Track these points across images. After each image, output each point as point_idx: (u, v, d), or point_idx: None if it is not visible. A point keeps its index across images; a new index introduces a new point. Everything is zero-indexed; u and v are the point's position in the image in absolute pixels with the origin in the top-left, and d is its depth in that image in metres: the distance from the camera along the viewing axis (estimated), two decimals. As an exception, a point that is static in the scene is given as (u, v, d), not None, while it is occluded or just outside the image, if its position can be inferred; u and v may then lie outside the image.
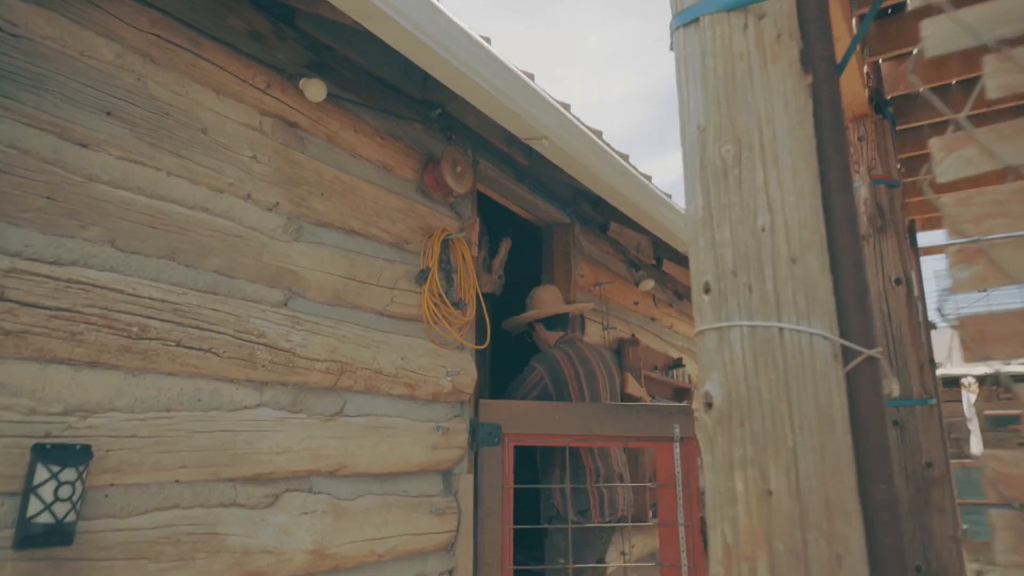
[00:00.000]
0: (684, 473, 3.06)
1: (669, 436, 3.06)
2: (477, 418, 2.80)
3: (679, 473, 3.06)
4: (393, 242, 2.55)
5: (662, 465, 3.05)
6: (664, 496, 3.04)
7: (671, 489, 3.05)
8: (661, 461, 3.06)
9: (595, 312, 4.04)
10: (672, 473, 3.06)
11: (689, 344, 5.43)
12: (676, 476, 3.05)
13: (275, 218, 2.13)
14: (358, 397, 2.30)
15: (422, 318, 2.60)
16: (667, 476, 3.05)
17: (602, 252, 4.29)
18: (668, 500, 3.05)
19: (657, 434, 3.06)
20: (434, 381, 2.59)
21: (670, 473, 3.06)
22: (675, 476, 3.05)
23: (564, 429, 2.91)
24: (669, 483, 3.05)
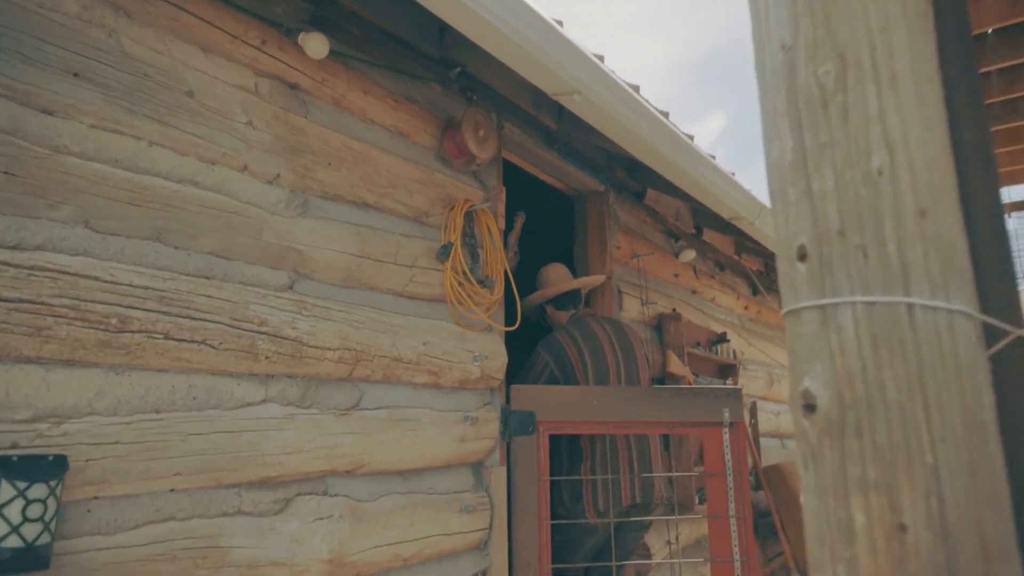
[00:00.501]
0: (734, 461, 2.82)
1: (718, 421, 2.81)
2: (509, 405, 2.57)
3: (729, 461, 2.82)
4: (411, 215, 2.32)
5: (711, 453, 2.80)
6: (713, 486, 2.80)
7: (721, 479, 2.81)
8: (710, 448, 2.81)
9: (633, 286, 3.77)
10: (721, 461, 2.81)
11: (733, 318, 5.13)
12: (726, 464, 2.81)
13: (276, 191, 1.90)
14: (376, 388, 2.09)
15: (445, 298, 2.37)
16: (716, 464, 2.81)
17: (639, 222, 4.00)
18: (718, 490, 2.80)
19: (705, 419, 2.81)
20: (460, 367, 2.36)
21: (719, 461, 2.81)
22: (725, 464, 2.81)
23: (603, 415, 2.67)
24: (719, 471, 2.80)
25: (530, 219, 5.30)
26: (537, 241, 5.25)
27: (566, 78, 2.16)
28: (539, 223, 5.23)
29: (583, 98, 2.23)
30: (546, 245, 4.99)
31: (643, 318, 3.77)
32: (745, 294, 5.37)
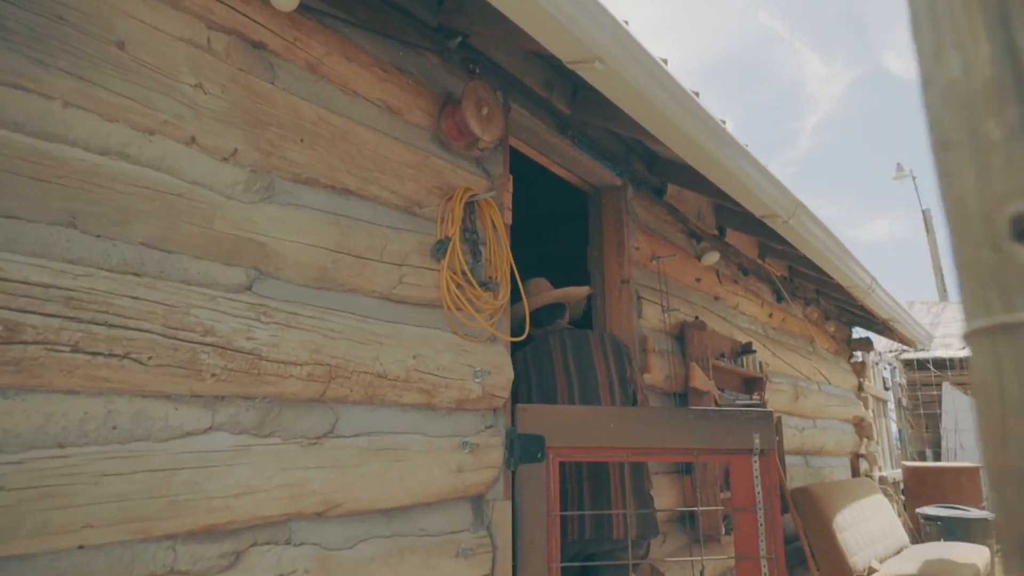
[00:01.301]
0: (765, 493, 2.44)
1: (748, 448, 2.44)
2: (515, 428, 2.22)
3: (759, 494, 2.44)
4: (402, 205, 1.97)
5: (739, 484, 2.42)
6: (741, 522, 2.42)
7: (750, 514, 2.43)
8: (738, 479, 2.43)
9: (653, 291, 3.41)
10: (751, 494, 2.43)
11: (757, 327, 4.76)
12: (756, 497, 2.43)
13: (233, 171, 1.55)
14: (355, 410, 1.73)
15: (441, 303, 2.02)
16: (745, 497, 2.43)
17: (658, 220, 3.64)
18: (747, 527, 2.42)
19: (732, 445, 2.44)
20: (458, 384, 2.00)
21: (748, 494, 2.43)
22: (755, 497, 2.44)
23: (619, 439, 2.31)
24: (748, 505, 2.43)
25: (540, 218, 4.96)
26: (548, 242, 4.91)
27: (587, 42, 1.81)
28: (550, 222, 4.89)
29: (605, 67, 1.88)
30: (558, 246, 4.64)
31: (664, 326, 3.41)
32: (769, 301, 5.01)
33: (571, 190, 3.45)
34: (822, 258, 3.88)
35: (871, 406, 7.49)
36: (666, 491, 3.25)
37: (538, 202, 4.65)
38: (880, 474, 7.34)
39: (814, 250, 3.74)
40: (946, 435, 10.11)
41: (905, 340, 6.95)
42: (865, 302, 4.98)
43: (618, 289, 3.18)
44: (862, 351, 7.30)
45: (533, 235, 4.96)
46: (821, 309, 6.20)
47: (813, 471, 5.50)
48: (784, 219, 3.22)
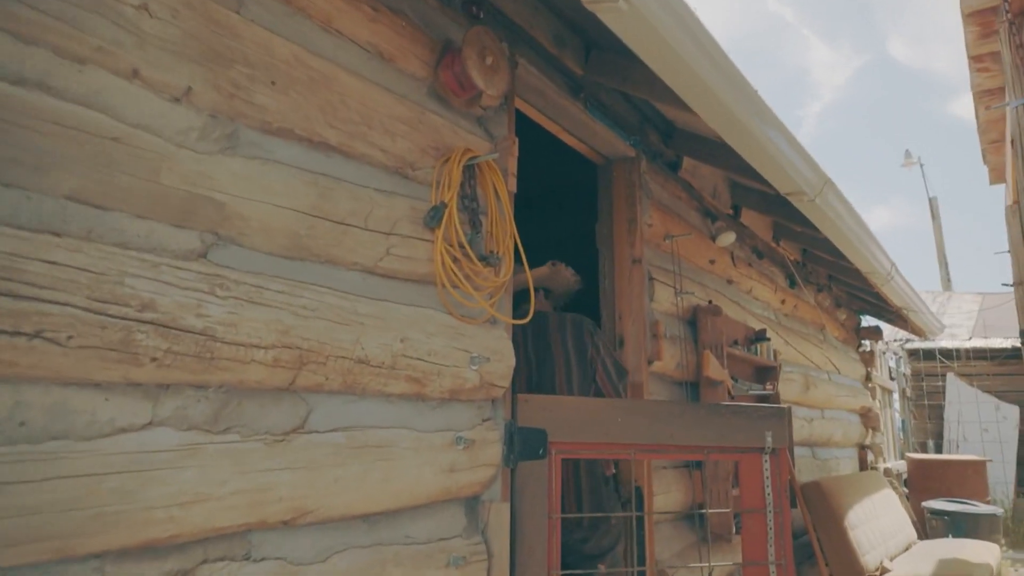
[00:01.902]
0: (776, 495, 2.23)
1: (759, 447, 2.22)
2: (515, 421, 1.98)
3: (770, 495, 2.22)
4: (391, 165, 1.71)
5: (749, 484, 2.21)
6: (751, 525, 2.21)
7: (759, 517, 2.22)
8: (748, 479, 2.22)
9: (666, 272, 3.16)
10: (761, 495, 2.22)
11: (769, 313, 4.52)
12: (767, 499, 2.22)
13: (186, 114, 1.29)
14: (332, 402, 1.49)
15: (434, 279, 1.76)
16: (755, 498, 2.22)
17: (672, 197, 3.39)
18: (756, 530, 2.20)
19: (744, 444, 2.23)
20: (452, 372, 1.76)
21: (758, 495, 2.22)
22: (764, 498, 2.22)
23: (628, 435, 2.08)
24: (759, 508, 2.22)
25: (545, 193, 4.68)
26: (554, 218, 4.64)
27: (610, -24, 1.54)
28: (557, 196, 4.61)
29: (630, 7, 1.61)
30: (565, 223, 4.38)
31: (676, 311, 3.16)
32: (782, 286, 4.76)
33: (580, 162, 3.19)
34: (845, 241, 3.63)
35: (878, 396, 7.28)
36: (673, 487, 3.02)
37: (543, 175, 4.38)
38: (884, 466, 7.16)
39: (837, 232, 3.49)
40: (948, 426, 9.93)
41: (916, 329, 6.73)
42: (883, 289, 4.74)
43: (628, 269, 2.93)
44: (871, 340, 7.08)
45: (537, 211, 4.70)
46: (832, 296, 5.97)
47: (820, 463, 5.29)
48: (811, 197, 2.97)
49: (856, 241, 3.68)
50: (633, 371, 2.85)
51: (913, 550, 4.79)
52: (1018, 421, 9.60)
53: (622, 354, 2.88)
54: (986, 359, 9.99)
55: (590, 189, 3.16)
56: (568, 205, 4.37)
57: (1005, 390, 9.78)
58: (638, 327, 2.88)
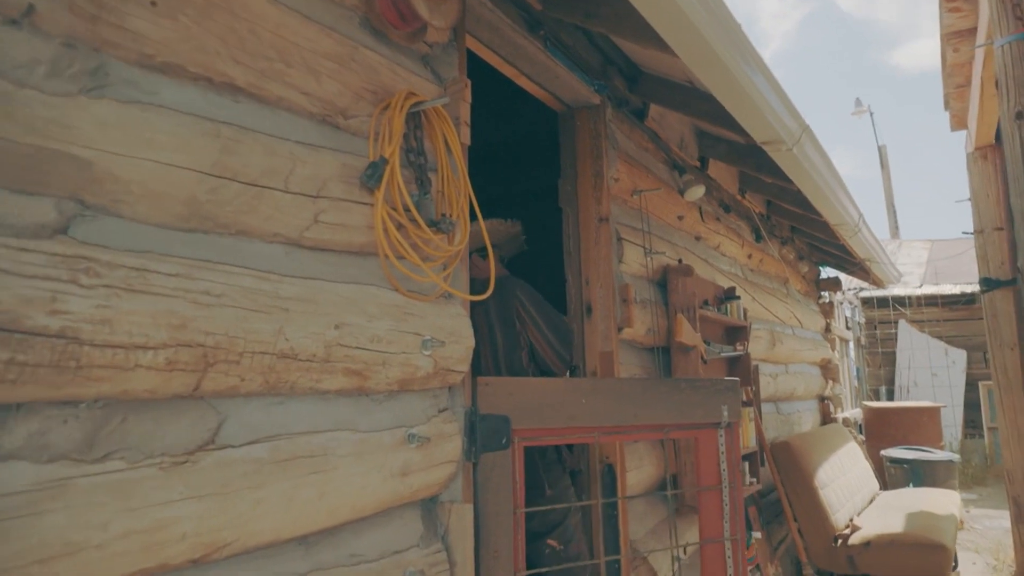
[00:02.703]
0: (730, 470, 2.12)
1: (716, 422, 2.11)
2: (476, 409, 1.73)
3: (725, 472, 2.13)
4: (318, 113, 1.40)
5: (705, 461, 2.12)
6: (707, 503, 2.10)
7: (715, 494, 2.11)
8: (704, 456, 2.12)
9: (634, 231, 2.92)
10: (716, 472, 2.12)
11: (737, 269, 4.35)
12: (722, 475, 2.11)
13: (29, 42, 0.96)
14: (250, 407, 1.21)
15: (376, 250, 1.48)
16: (711, 476, 2.11)
17: (639, 148, 3.13)
18: (712, 507, 2.12)
19: (703, 420, 2.10)
20: (401, 360, 1.49)
21: (714, 472, 2.12)
22: (720, 475, 2.11)
23: (593, 419, 1.90)
24: (714, 485, 2.11)
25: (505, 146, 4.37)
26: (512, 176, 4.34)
27: None
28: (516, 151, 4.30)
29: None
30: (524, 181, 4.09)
31: (646, 272, 2.94)
32: (749, 240, 4.59)
33: (540, 112, 2.90)
34: (818, 194, 3.45)
35: (837, 347, 7.30)
36: (646, 460, 2.84)
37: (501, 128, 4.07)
38: (843, 415, 7.21)
39: (811, 183, 3.30)
40: (900, 372, 10.14)
41: (876, 280, 6.71)
42: (850, 241, 4.62)
43: (595, 229, 2.68)
44: (830, 291, 7.05)
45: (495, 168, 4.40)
46: (795, 249, 5.85)
47: (783, 417, 5.23)
48: (788, 146, 2.75)
49: (829, 193, 3.50)
50: (603, 340, 2.63)
51: (877, 502, 4.79)
52: (966, 365, 9.84)
53: (590, 322, 2.65)
54: (937, 305, 10.16)
55: (552, 143, 2.88)
56: (528, 161, 4.08)
57: (954, 335, 10.00)
58: (607, 292, 2.65)
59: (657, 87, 3.03)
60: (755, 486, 3.46)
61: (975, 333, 9.94)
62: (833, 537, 3.74)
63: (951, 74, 4.97)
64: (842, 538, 3.74)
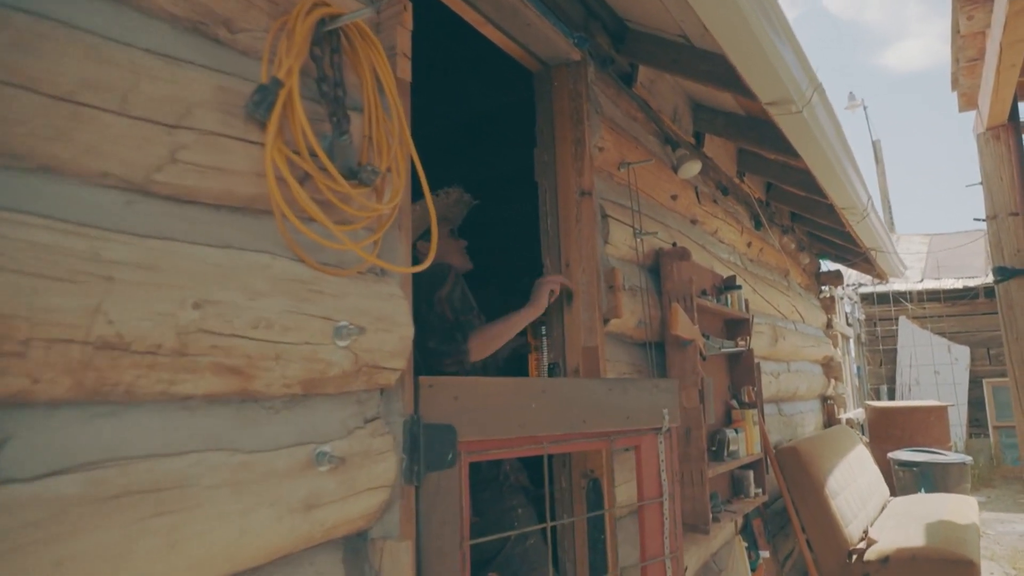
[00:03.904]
0: (670, 480, 1.88)
1: (657, 427, 1.88)
2: (419, 417, 1.35)
3: (665, 481, 1.87)
4: (187, 17, 1.02)
5: (646, 471, 1.85)
6: (648, 517, 1.83)
7: (656, 508, 1.85)
8: (645, 465, 1.85)
9: (622, 208, 2.55)
10: (656, 482, 1.87)
11: (736, 257, 3.99)
12: (662, 486, 1.87)
13: None
14: (52, 421, 0.82)
15: (270, 204, 1.10)
16: (652, 487, 1.86)
17: (627, 117, 2.76)
18: (652, 522, 1.84)
19: (647, 424, 1.85)
20: (304, 353, 1.11)
21: (655, 483, 1.86)
22: (661, 486, 1.87)
23: (542, 425, 1.61)
24: (654, 497, 1.85)
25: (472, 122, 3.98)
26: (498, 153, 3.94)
27: None
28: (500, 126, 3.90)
29: None
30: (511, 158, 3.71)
31: (636, 256, 2.57)
32: (748, 227, 4.23)
33: (510, 68, 2.53)
34: (827, 167, 3.09)
35: (839, 344, 6.95)
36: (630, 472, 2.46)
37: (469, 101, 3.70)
38: (845, 416, 6.86)
39: (820, 155, 2.93)
40: (901, 370, 9.81)
41: (880, 272, 6.36)
42: (856, 228, 4.27)
43: (576, 204, 2.31)
44: (831, 285, 6.70)
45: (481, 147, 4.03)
46: (796, 239, 5.50)
47: (786, 419, 4.87)
48: (798, 107, 2.38)
49: (839, 168, 3.14)
50: (586, 333, 2.25)
51: (890, 510, 4.43)
52: (969, 362, 9.52)
53: (571, 313, 2.27)
54: (938, 300, 9.84)
55: (526, 101, 2.51)
56: (512, 137, 3.69)
57: (956, 331, 9.68)
58: (590, 277, 2.28)
59: (646, 45, 2.66)
60: (761, 497, 3.09)
61: (979, 329, 9.63)
62: (847, 552, 3.38)
63: (963, 47, 4.62)
64: (857, 553, 3.38)
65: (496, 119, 3.77)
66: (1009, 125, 4.86)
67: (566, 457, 2.23)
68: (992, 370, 9.38)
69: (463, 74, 3.66)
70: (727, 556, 2.90)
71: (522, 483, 2.16)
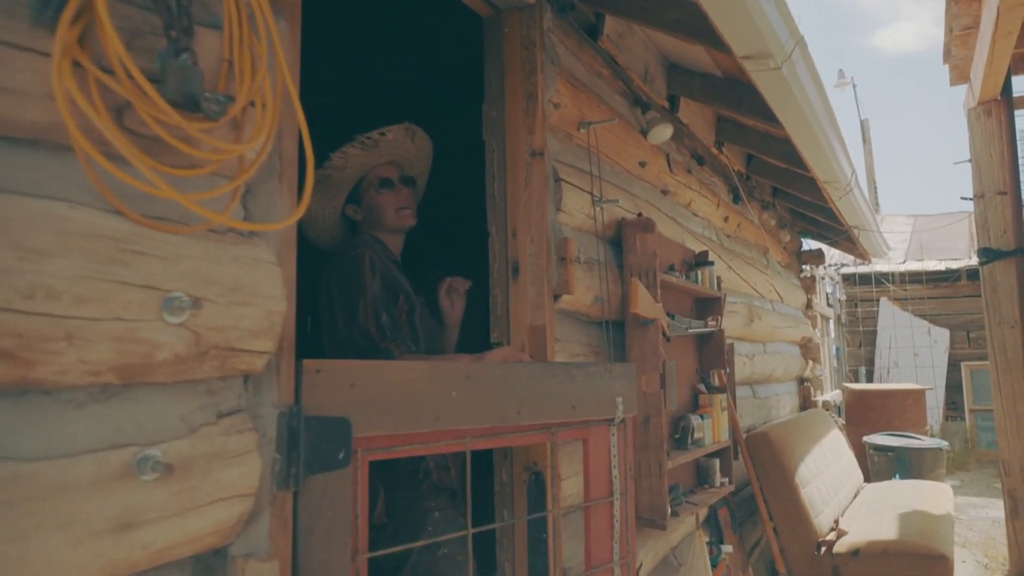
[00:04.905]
0: (623, 477, 1.66)
1: (609, 418, 1.64)
2: (300, 409, 1.12)
3: (617, 478, 1.65)
4: None
5: (595, 467, 1.62)
6: (596, 519, 1.60)
7: (605, 508, 1.62)
8: (594, 461, 1.62)
9: (579, 173, 2.30)
10: (608, 480, 1.64)
11: (711, 232, 3.76)
12: (613, 483, 1.64)
13: None
14: None
15: (69, 138, 0.84)
16: (601, 485, 1.63)
17: (590, 73, 2.50)
18: (600, 523, 1.62)
19: (597, 414, 1.62)
20: (113, 330, 0.86)
21: (605, 480, 1.64)
22: (611, 484, 1.64)
23: (465, 417, 1.39)
24: (604, 496, 1.62)
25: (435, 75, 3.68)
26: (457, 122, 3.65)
27: None
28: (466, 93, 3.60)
29: None
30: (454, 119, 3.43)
31: (594, 226, 2.33)
32: (725, 201, 4.00)
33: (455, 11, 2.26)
34: (808, 134, 2.85)
35: (818, 325, 6.79)
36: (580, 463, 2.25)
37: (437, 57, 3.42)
38: (822, 398, 6.72)
39: (801, 120, 2.70)
40: (880, 352, 9.71)
41: (863, 252, 6.18)
42: (839, 203, 4.05)
43: (525, 165, 2.06)
44: (812, 264, 6.51)
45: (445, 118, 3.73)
46: (777, 215, 5.28)
47: (760, 402, 4.70)
48: (777, 62, 2.14)
49: (820, 135, 2.91)
50: (533, 310, 2.02)
51: (863, 497, 4.29)
52: (948, 345, 9.43)
53: (517, 286, 2.04)
54: (921, 282, 9.72)
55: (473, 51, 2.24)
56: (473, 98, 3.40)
57: (937, 314, 9.57)
58: (539, 248, 2.04)
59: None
60: (727, 488, 2.90)
61: (959, 312, 9.53)
62: (816, 544, 3.21)
63: (957, 14, 4.37)
64: (826, 545, 3.21)
65: (460, 76, 3.49)
66: (1002, 100, 4.63)
67: (507, 448, 2.01)
68: (971, 353, 9.30)
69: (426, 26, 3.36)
70: (688, 549, 2.71)
71: (446, 483, 1.94)
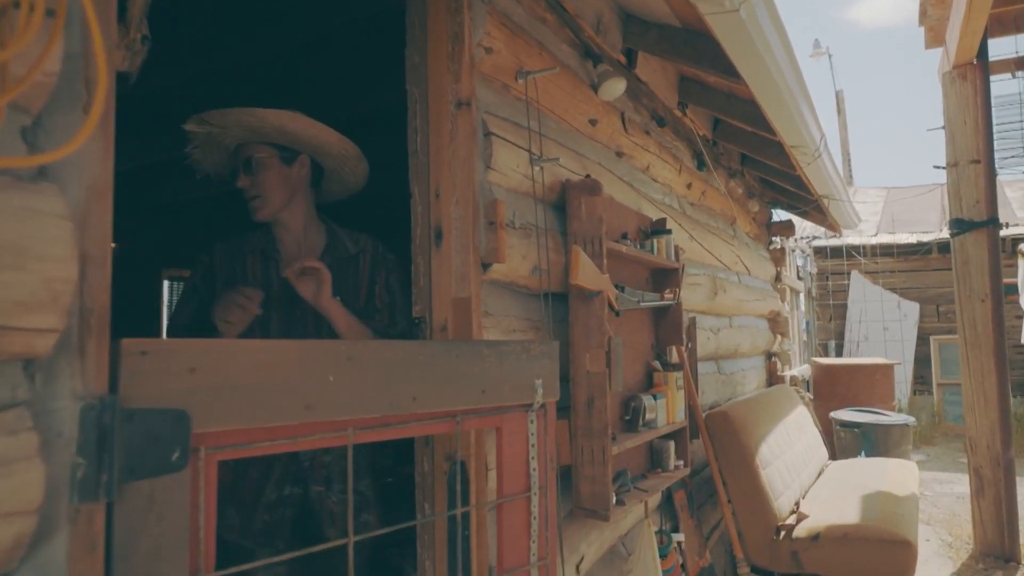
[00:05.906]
0: (542, 469, 1.45)
1: (527, 403, 1.43)
2: (116, 400, 0.88)
3: (535, 470, 1.45)
4: None
5: (509, 458, 1.40)
6: (511, 517, 1.40)
7: (522, 504, 1.42)
8: (508, 451, 1.40)
9: (515, 128, 2.06)
10: (525, 472, 1.44)
11: (672, 199, 3.55)
12: (531, 479, 1.44)
13: None
14: None
15: None
16: (517, 478, 1.42)
17: (530, 17, 2.25)
18: (516, 523, 1.42)
19: (509, 401, 1.40)
20: None
21: (521, 473, 1.43)
22: (529, 480, 1.44)
23: (347, 407, 1.14)
24: (520, 491, 1.42)
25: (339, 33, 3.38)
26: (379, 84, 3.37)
27: None
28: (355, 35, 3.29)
29: None
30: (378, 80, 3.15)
31: (533, 188, 2.10)
32: (689, 166, 3.79)
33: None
34: (772, 91, 2.64)
35: (787, 298, 6.65)
36: (529, 447, 2.05)
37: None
38: (790, 373, 6.61)
39: (763, 74, 2.48)
40: (851, 326, 9.66)
41: (832, 223, 6.03)
42: (807, 170, 3.86)
43: (450, 117, 1.82)
44: (782, 236, 6.35)
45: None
46: (745, 184, 5.09)
47: (725, 377, 4.54)
48: (734, 4, 1.91)
49: (786, 94, 2.69)
50: (457, 281, 1.80)
51: (827, 476, 4.17)
52: (918, 319, 9.40)
53: (439, 254, 1.81)
54: (892, 255, 9.65)
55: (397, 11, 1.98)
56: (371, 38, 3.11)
57: (907, 287, 9.53)
58: (465, 210, 1.81)
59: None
60: (682, 471, 2.72)
61: (929, 285, 9.50)
62: (775, 528, 3.07)
63: (934, -29, 4.17)
64: (786, 529, 3.07)
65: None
66: (977, 63, 4.46)
67: (428, 436, 1.80)
68: (940, 327, 9.28)
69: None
70: (638, 537, 2.54)
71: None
